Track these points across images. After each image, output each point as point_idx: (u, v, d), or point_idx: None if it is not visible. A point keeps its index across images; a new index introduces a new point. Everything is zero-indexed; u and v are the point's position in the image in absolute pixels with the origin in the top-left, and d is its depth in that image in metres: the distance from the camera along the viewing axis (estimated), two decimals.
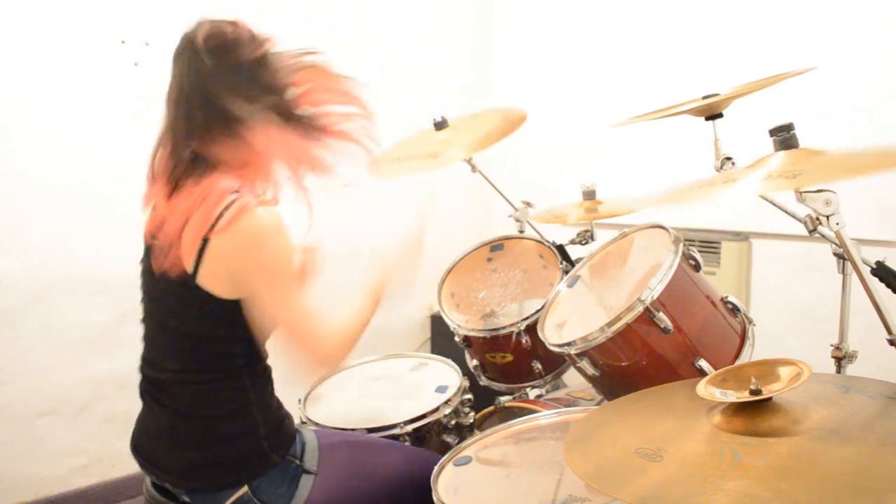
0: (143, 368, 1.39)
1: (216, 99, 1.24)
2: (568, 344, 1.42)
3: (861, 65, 2.30)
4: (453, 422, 1.73)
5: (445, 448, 1.59)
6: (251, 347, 1.33)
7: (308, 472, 1.35)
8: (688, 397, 1.07)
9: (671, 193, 1.25)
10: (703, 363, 1.34)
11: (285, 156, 1.30)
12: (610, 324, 1.35)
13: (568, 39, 3.14)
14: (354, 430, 1.63)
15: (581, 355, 1.41)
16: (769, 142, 1.12)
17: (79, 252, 2.42)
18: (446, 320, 1.90)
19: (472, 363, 1.93)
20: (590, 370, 1.42)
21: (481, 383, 1.93)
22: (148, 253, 1.33)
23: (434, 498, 1.27)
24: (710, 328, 1.41)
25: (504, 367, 1.86)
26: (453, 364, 1.91)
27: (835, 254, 1.25)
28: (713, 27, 2.65)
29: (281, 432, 1.36)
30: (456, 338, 1.89)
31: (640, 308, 1.32)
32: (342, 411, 1.74)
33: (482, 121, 2.02)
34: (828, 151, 1.07)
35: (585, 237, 2.00)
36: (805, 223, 1.13)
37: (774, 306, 2.58)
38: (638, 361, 1.37)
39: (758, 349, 1.42)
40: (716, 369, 1.24)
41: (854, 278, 1.17)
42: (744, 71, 2.08)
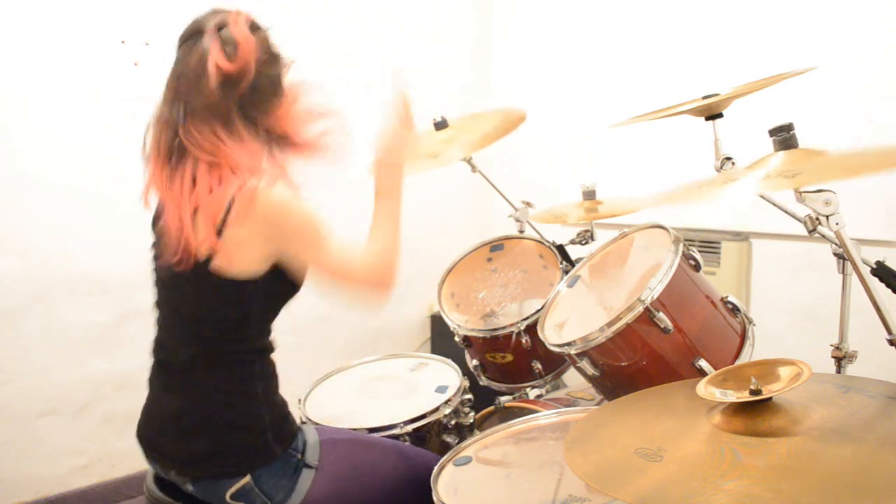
0: (156, 352, 1.41)
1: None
2: (568, 344, 1.42)
3: (861, 65, 2.30)
4: (453, 422, 1.73)
5: (445, 448, 1.59)
6: (263, 330, 1.37)
7: (309, 467, 1.37)
8: (688, 397, 1.07)
9: (671, 194, 1.25)
10: (703, 363, 1.34)
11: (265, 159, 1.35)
12: (610, 324, 1.35)
13: (568, 39, 3.15)
14: (355, 430, 1.63)
15: (581, 355, 1.41)
16: (769, 142, 1.12)
17: (79, 252, 2.42)
18: (446, 320, 1.90)
19: (472, 363, 1.93)
20: (590, 370, 1.42)
21: (481, 383, 1.94)
22: (159, 241, 1.34)
23: (434, 498, 1.27)
24: (710, 328, 1.41)
25: (504, 367, 1.86)
26: (453, 364, 1.91)
27: (835, 254, 1.25)
28: (713, 27, 2.65)
29: (284, 426, 1.38)
30: (456, 338, 1.89)
31: (640, 308, 1.32)
32: (342, 411, 1.74)
33: (482, 121, 2.02)
34: (828, 151, 1.08)
35: (585, 237, 2.00)
36: (805, 223, 1.13)
37: (774, 306, 2.58)
38: (638, 361, 1.37)
39: (758, 349, 1.42)
40: (716, 369, 1.25)
41: (854, 278, 1.17)
42: (744, 71, 2.08)
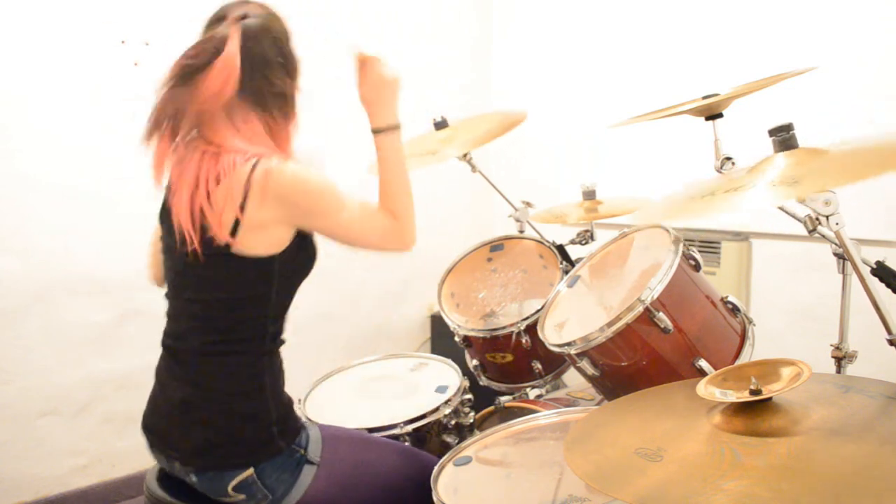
0: (165, 341, 1.42)
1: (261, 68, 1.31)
2: (568, 344, 1.42)
3: (861, 65, 2.30)
4: (453, 422, 1.73)
5: (445, 448, 1.59)
6: (280, 313, 1.38)
7: (311, 463, 1.38)
8: (688, 397, 1.07)
9: (676, 208, 1.21)
10: (703, 363, 1.34)
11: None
12: (610, 324, 1.35)
13: (568, 40, 3.14)
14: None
15: (581, 355, 1.41)
16: (769, 142, 1.12)
17: (79, 252, 2.42)
18: (446, 320, 1.90)
19: (472, 363, 1.93)
20: (590, 370, 1.42)
21: (481, 383, 1.93)
22: (170, 231, 1.34)
23: (434, 498, 1.27)
24: (710, 328, 1.41)
25: (504, 367, 1.86)
26: (453, 364, 1.91)
27: (835, 254, 1.25)
28: (713, 27, 2.65)
29: (289, 421, 1.39)
30: (456, 338, 1.89)
31: (640, 308, 1.32)
32: (342, 411, 1.74)
33: (482, 121, 2.02)
34: (829, 150, 1.07)
35: (585, 237, 2.00)
36: (805, 223, 1.13)
37: (774, 306, 2.58)
38: (638, 361, 1.37)
39: (758, 349, 1.42)
40: (716, 369, 1.24)
41: (854, 278, 1.17)
42: (744, 71, 2.08)
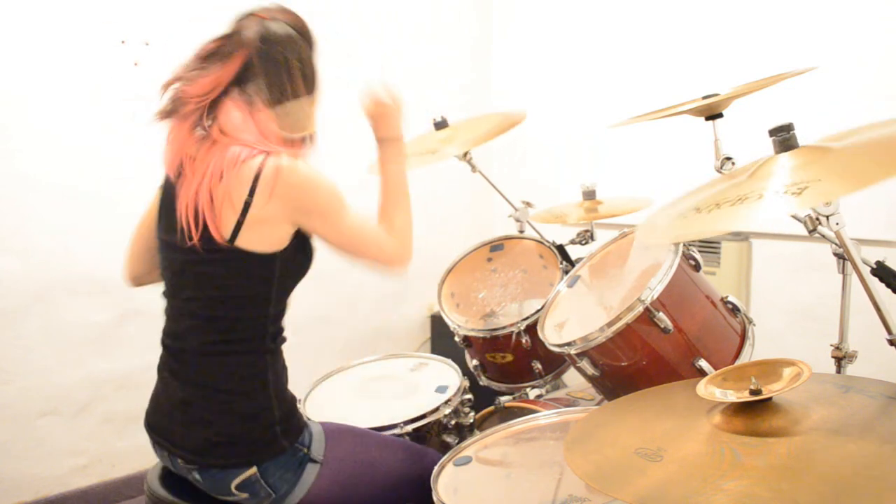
0: (165, 341, 1.42)
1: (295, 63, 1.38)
2: (568, 344, 1.42)
3: (861, 65, 2.30)
4: (453, 422, 1.73)
5: (445, 448, 1.59)
6: (280, 312, 1.38)
7: (314, 461, 1.38)
8: (688, 397, 1.07)
9: (682, 223, 1.18)
10: (703, 363, 1.34)
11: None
12: (610, 324, 1.35)
13: (568, 40, 3.14)
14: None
15: (581, 355, 1.41)
16: (769, 142, 1.12)
17: (79, 252, 2.42)
18: (446, 320, 1.90)
19: (472, 363, 1.93)
20: (590, 370, 1.42)
21: (481, 383, 1.93)
22: (169, 229, 1.34)
23: (434, 498, 1.27)
24: (710, 328, 1.41)
25: (504, 367, 1.86)
26: (453, 364, 1.91)
27: (835, 254, 1.25)
28: (713, 27, 2.65)
29: (292, 420, 1.39)
30: (456, 338, 1.89)
31: (640, 308, 1.32)
32: (342, 411, 1.74)
33: (482, 121, 2.03)
34: (832, 148, 1.06)
35: (585, 237, 2.00)
36: (805, 223, 1.13)
37: (774, 306, 2.58)
38: (638, 361, 1.37)
39: (758, 349, 1.42)
40: (716, 369, 1.24)
41: (854, 278, 1.16)
42: (744, 71, 2.08)
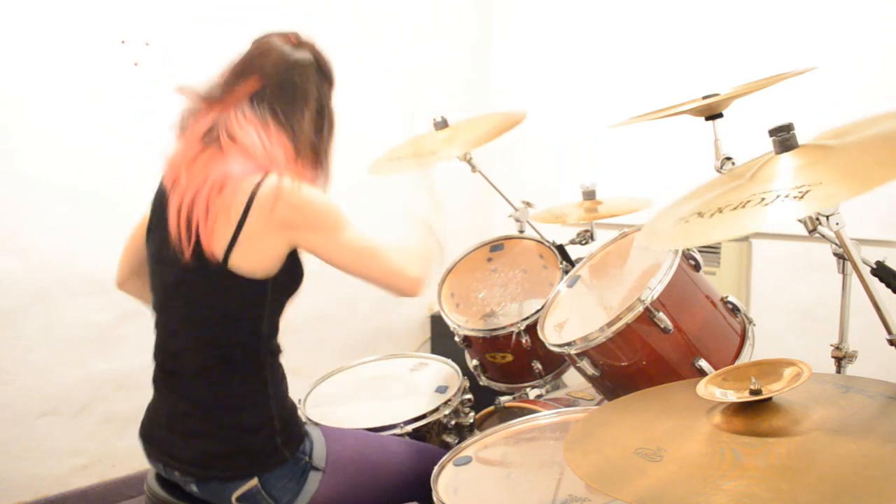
0: (158, 357, 1.40)
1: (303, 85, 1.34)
2: (568, 344, 1.42)
3: (861, 65, 2.30)
4: (453, 422, 1.73)
5: (445, 448, 1.59)
6: (274, 330, 1.37)
7: (316, 469, 1.37)
8: (688, 397, 1.07)
9: (685, 230, 1.16)
10: (703, 363, 1.34)
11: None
12: (610, 324, 1.34)
13: (568, 39, 3.14)
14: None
15: (581, 355, 1.41)
16: (769, 142, 1.12)
17: (79, 252, 2.42)
18: (446, 320, 1.90)
19: (472, 363, 1.93)
20: (590, 370, 1.42)
21: (481, 383, 1.93)
22: (161, 245, 1.33)
23: (434, 498, 1.27)
24: (710, 328, 1.41)
25: (504, 367, 1.86)
26: (453, 364, 1.91)
27: (835, 254, 1.25)
28: (713, 27, 2.65)
29: (293, 430, 1.38)
30: (456, 338, 1.89)
31: (640, 308, 1.32)
32: (342, 411, 1.74)
33: (482, 121, 2.02)
34: (834, 146, 1.06)
35: (585, 237, 2.00)
36: (805, 223, 1.12)
37: (774, 306, 2.58)
38: (638, 361, 1.37)
39: (758, 349, 1.42)
40: (716, 369, 1.24)
41: (854, 278, 1.16)
42: (744, 71, 2.08)
